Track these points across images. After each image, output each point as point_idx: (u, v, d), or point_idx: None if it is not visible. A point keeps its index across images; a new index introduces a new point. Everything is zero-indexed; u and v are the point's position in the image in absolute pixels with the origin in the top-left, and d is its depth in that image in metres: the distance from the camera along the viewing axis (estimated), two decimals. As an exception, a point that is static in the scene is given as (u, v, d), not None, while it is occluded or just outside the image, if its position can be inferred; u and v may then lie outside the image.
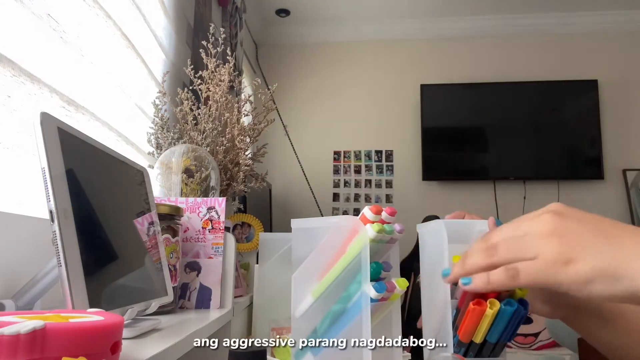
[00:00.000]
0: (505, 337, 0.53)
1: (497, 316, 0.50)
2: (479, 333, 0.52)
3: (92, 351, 0.33)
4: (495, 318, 0.50)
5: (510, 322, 0.50)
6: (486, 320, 0.50)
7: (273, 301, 1.20)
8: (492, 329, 0.51)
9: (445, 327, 0.73)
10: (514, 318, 0.50)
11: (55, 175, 0.44)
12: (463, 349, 0.54)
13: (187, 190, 1.08)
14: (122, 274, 0.56)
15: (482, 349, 0.54)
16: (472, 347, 0.54)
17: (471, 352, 0.54)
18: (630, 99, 3.05)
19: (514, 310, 0.49)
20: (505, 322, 0.50)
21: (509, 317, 0.50)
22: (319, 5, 3.02)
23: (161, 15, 1.50)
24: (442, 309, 0.70)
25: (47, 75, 0.85)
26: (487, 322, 0.50)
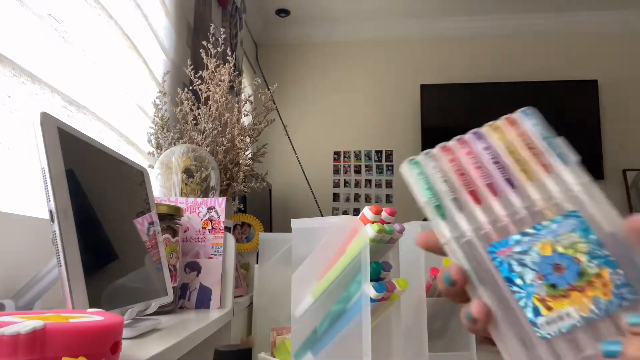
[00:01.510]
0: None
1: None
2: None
3: (92, 351, 0.33)
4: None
5: None
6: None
7: (273, 301, 1.20)
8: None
9: (419, 326, 0.73)
10: None
11: (55, 175, 0.44)
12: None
13: (187, 190, 1.08)
14: (122, 274, 0.56)
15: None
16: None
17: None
18: (630, 99, 3.05)
19: None
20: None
21: None
22: (319, 5, 3.02)
23: (162, 15, 1.50)
24: (417, 307, 0.70)
25: (48, 75, 0.85)
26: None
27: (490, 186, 0.32)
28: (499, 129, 0.34)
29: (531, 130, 0.34)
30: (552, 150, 0.33)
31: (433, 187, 0.32)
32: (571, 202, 0.30)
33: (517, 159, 0.33)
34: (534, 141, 0.33)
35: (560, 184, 0.31)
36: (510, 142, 0.34)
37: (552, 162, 0.32)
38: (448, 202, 0.32)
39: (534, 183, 0.32)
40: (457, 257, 0.30)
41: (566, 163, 0.32)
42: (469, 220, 0.31)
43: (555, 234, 0.29)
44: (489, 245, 0.30)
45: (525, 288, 0.28)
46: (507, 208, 0.31)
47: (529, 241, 0.29)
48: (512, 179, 0.32)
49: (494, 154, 0.33)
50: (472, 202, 0.31)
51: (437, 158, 0.34)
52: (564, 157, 0.33)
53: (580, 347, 0.27)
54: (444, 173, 0.33)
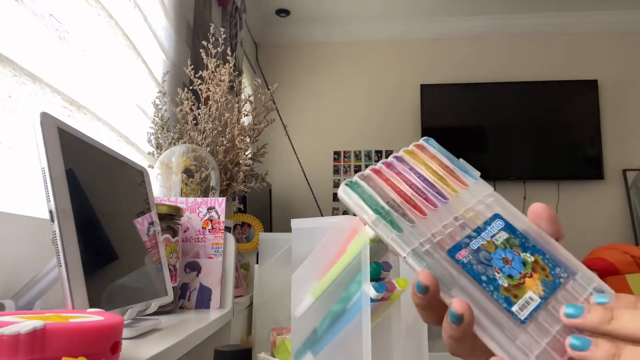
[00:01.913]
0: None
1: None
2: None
3: (92, 351, 0.33)
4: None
5: None
6: None
7: (273, 301, 1.20)
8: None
9: (419, 325, 0.74)
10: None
11: (55, 175, 0.44)
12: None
13: (187, 190, 1.08)
14: (122, 274, 0.56)
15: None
16: None
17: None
18: (630, 99, 3.05)
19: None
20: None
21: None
22: (319, 5, 3.02)
23: (161, 15, 1.50)
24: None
25: (48, 75, 0.85)
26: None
27: (427, 200, 0.35)
28: (413, 153, 0.39)
29: (437, 153, 0.39)
30: (460, 169, 0.38)
31: (378, 204, 0.34)
32: (488, 209, 0.36)
33: (438, 177, 0.37)
34: (443, 162, 0.38)
35: (475, 195, 0.37)
36: (426, 164, 0.38)
37: (464, 178, 0.37)
38: (397, 216, 0.34)
39: (457, 196, 0.36)
40: (423, 268, 0.32)
41: (474, 178, 0.38)
42: (421, 231, 0.33)
43: (491, 234, 0.34)
44: (448, 250, 0.33)
45: (491, 283, 0.31)
46: (446, 218, 0.35)
47: (477, 242, 0.33)
48: (442, 192, 0.36)
49: (419, 174, 0.37)
50: (419, 215, 0.34)
51: (372, 179, 0.36)
52: (471, 174, 0.38)
53: (546, 329, 0.30)
54: (382, 192, 0.35)
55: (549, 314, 0.31)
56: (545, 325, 0.30)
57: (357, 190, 0.35)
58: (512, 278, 0.31)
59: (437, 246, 0.33)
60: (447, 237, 0.33)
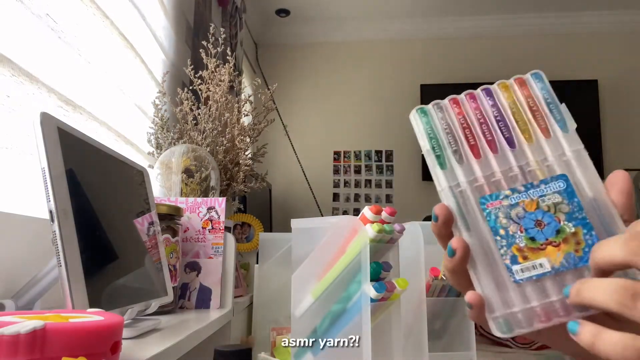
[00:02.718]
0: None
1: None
2: None
3: (92, 351, 0.33)
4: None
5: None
6: None
7: (273, 301, 1.20)
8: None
9: (420, 325, 0.74)
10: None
11: (55, 175, 0.44)
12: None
13: (187, 190, 1.08)
14: (122, 274, 0.56)
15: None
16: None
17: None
18: (630, 99, 3.05)
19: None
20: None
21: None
22: (319, 5, 3.02)
23: (161, 15, 1.50)
24: (417, 307, 0.70)
25: (45, 75, 0.85)
26: None
27: (491, 143, 0.34)
28: (508, 88, 0.36)
29: (538, 93, 0.35)
30: (553, 116, 0.34)
31: (437, 136, 0.34)
32: (562, 167, 0.33)
33: (519, 119, 0.34)
34: (538, 104, 0.35)
35: (555, 148, 0.33)
36: (516, 103, 0.35)
37: (551, 127, 0.34)
38: (449, 153, 0.34)
39: (531, 145, 0.34)
40: (449, 204, 0.33)
41: (564, 129, 0.34)
42: (466, 172, 0.33)
43: (542, 193, 0.32)
44: (481, 197, 0.32)
45: (507, 238, 0.31)
46: (503, 165, 0.33)
47: (518, 197, 0.32)
48: (512, 139, 0.34)
49: (499, 113, 0.35)
50: (471, 156, 0.33)
51: (445, 109, 0.35)
52: (563, 124, 0.34)
53: (547, 293, 0.30)
54: (449, 125, 0.35)
55: (556, 284, 0.30)
56: (545, 291, 0.30)
57: (423, 119, 0.35)
58: (533, 241, 0.31)
59: (474, 190, 0.33)
60: (490, 185, 0.33)
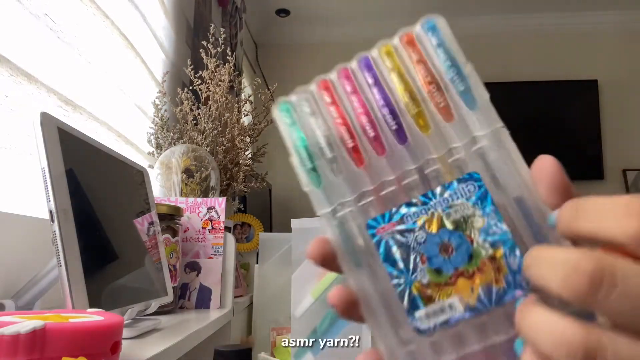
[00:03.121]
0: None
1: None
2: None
3: (92, 351, 0.33)
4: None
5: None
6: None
7: (273, 301, 1.20)
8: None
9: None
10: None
11: (55, 175, 0.44)
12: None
13: (187, 190, 1.08)
14: (122, 274, 0.56)
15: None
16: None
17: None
18: (630, 99, 3.05)
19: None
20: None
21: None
22: (319, 5, 3.02)
23: (161, 15, 1.50)
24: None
25: (45, 75, 0.85)
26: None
27: (377, 140, 0.25)
28: (392, 54, 0.27)
29: (432, 54, 0.26)
30: (455, 86, 0.25)
31: (308, 141, 0.26)
32: (474, 160, 0.24)
33: (412, 99, 0.25)
34: (434, 72, 0.26)
35: (462, 134, 0.25)
36: (404, 74, 0.26)
37: (454, 104, 0.25)
38: (324, 163, 0.26)
39: (429, 135, 0.25)
40: (332, 235, 0.25)
41: (471, 105, 0.25)
42: (347, 187, 0.25)
43: (446, 204, 0.24)
44: (368, 220, 0.25)
45: (406, 274, 0.24)
46: (394, 169, 0.25)
47: (415, 214, 0.24)
48: (402, 130, 0.25)
49: (382, 94, 0.26)
50: (352, 163, 0.25)
51: (316, 99, 0.27)
52: (469, 97, 0.25)
53: (463, 342, 0.23)
54: (321, 121, 0.26)
55: (476, 330, 0.23)
56: (463, 340, 0.23)
57: (288, 117, 0.26)
58: (439, 274, 0.23)
59: (359, 212, 0.25)
60: (380, 201, 0.25)
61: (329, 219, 0.25)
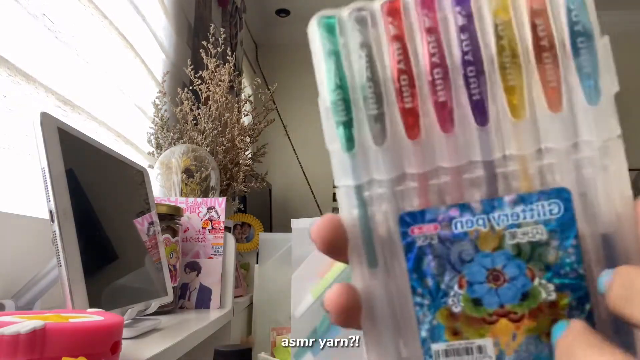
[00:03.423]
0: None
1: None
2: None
3: (92, 351, 0.33)
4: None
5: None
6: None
7: (273, 301, 1.20)
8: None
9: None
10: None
11: (55, 175, 0.44)
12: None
13: (187, 190, 1.08)
14: (122, 274, 0.56)
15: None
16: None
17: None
18: (630, 99, 3.05)
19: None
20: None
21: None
22: (319, 5, 3.00)
23: (161, 15, 1.50)
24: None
25: (43, 75, 0.85)
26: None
27: (445, 109, 0.18)
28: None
29: (561, 6, 0.18)
30: (577, 63, 0.18)
31: (348, 82, 0.19)
32: (569, 171, 0.18)
33: (510, 63, 0.18)
34: (554, 33, 0.17)
35: (566, 134, 0.18)
36: (511, 23, 0.18)
37: (568, 89, 0.18)
38: (365, 119, 0.18)
39: (520, 122, 0.18)
40: (348, 216, 0.19)
41: (591, 98, 0.18)
42: (387, 162, 0.18)
43: (515, 220, 0.17)
44: (403, 212, 0.18)
45: (434, 294, 0.18)
46: (458, 156, 0.18)
47: (468, 222, 0.18)
48: (483, 104, 0.18)
49: (472, 43, 0.18)
50: (403, 131, 0.18)
51: (374, 26, 0.19)
52: (593, 85, 0.18)
53: None
54: (374, 58, 0.18)
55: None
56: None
57: (329, 43, 0.19)
58: (478, 306, 0.17)
59: (395, 198, 0.18)
60: (426, 191, 0.18)
61: (350, 196, 0.19)
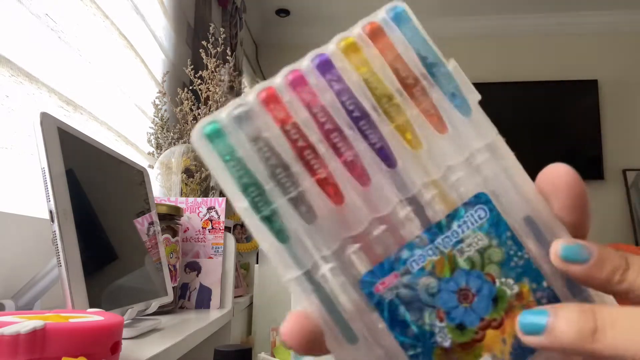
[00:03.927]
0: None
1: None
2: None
3: (92, 351, 0.33)
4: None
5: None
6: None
7: (273, 301, 1.20)
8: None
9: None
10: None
11: (55, 175, 0.44)
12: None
13: (187, 190, 1.08)
14: (122, 274, 0.56)
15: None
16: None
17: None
18: (630, 99, 3.05)
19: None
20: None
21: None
22: (319, 5, 3.02)
23: (161, 15, 1.50)
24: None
25: (45, 75, 0.85)
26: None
27: (354, 165, 0.19)
28: (357, 51, 0.20)
29: (409, 47, 0.20)
30: (441, 88, 0.20)
31: (253, 177, 0.18)
32: (474, 178, 0.20)
33: (390, 105, 0.19)
34: (413, 71, 0.20)
35: (459, 149, 0.20)
36: (377, 76, 0.19)
37: (444, 112, 0.20)
38: (284, 203, 0.18)
39: (420, 152, 0.19)
40: (311, 304, 0.18)
41: (463, 110, 0.20)
42: (323, 237, 0.18)
43: (456, 238, 0.19)
44: (361, 277, 0.18)
45: (422, 341, 0.18)
46: (384, 206, 0.19)
47: (421, 257, 0.19)
48: (386, 150, 0.19)
49: (353, 99, 0.19)
50: (329, 202, 0.18)
51: (257, 117, 0.19)
52: (461, 101, 0.20)
53: None
54: (272, 145, 0.18)
55: None
56: None
57: (219, 148, 0.18)
58: (463, 330, 0.18)
59: (346, 267, 0.18)
60: (369, 248, 0.19)
61: (303, 285, 0.18)
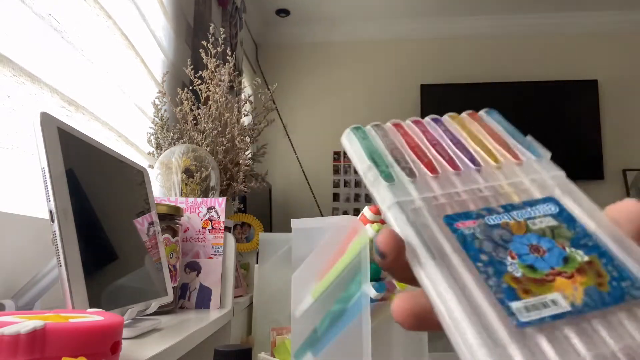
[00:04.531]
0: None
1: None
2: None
3: (92, 351, 0.33)
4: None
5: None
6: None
7: (273, 301, 1.20)
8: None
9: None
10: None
11: (55, 175, 0.44)
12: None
13: (187, 190, 1.08)
14: (122, 274, 0.56)
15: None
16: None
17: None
18: (630, 99, 3.05)
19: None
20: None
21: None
22: (319, 5, 3.02)
23: (161, 15, 1.50)
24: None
25: (47, 75, 0.85)
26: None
27: (450, 161, 0.26)
28: (461, 120, 0.29)
29: (496, 125, 0.28)
30: (520, 143, 0.27)
31: (379, 154, 0.26)
32: (543, 191, 0.24)
33: (479, 144, 0.27)
34: (496, 132, 0.28)
35: (531, 173, 0.25)
36: (472, 131, 0.28)
37: (521, 153, 0.26)
38: (397, 169, 0.25)
39: (499, 166, 0.25)
40: (400, 226, 0.22)
41: (536, 154, 0.26)
42: (420, 188, 0.24)
43: (529, 215, 0.22)
44: (444, 216, 0.23)
45: (493, 265, 0.20)
46: (468, 183, 0.24)
47: (497, 218, 0.22)
48: (474, 158, 0.26)
49: (453, 136, 0.27)
50: (425, 171, 0.25)
51: (385, 130, 0.28)
52: (534, 150, 0.27)
53: (568, 343, 0.18)
54: (392, 143, 0.27)
55: (580, 331, 0.18)
56: (566, 340, 0.18)
57: (359, 136, 0.27)
58: (533, 270, 0.20)
59: (434, 209, 0.23)
60: (455, 204, 0.23)
61: (400, 210, 0.23)
